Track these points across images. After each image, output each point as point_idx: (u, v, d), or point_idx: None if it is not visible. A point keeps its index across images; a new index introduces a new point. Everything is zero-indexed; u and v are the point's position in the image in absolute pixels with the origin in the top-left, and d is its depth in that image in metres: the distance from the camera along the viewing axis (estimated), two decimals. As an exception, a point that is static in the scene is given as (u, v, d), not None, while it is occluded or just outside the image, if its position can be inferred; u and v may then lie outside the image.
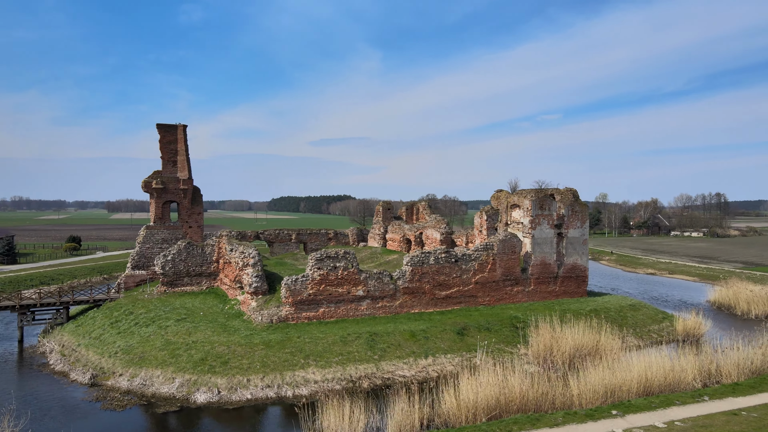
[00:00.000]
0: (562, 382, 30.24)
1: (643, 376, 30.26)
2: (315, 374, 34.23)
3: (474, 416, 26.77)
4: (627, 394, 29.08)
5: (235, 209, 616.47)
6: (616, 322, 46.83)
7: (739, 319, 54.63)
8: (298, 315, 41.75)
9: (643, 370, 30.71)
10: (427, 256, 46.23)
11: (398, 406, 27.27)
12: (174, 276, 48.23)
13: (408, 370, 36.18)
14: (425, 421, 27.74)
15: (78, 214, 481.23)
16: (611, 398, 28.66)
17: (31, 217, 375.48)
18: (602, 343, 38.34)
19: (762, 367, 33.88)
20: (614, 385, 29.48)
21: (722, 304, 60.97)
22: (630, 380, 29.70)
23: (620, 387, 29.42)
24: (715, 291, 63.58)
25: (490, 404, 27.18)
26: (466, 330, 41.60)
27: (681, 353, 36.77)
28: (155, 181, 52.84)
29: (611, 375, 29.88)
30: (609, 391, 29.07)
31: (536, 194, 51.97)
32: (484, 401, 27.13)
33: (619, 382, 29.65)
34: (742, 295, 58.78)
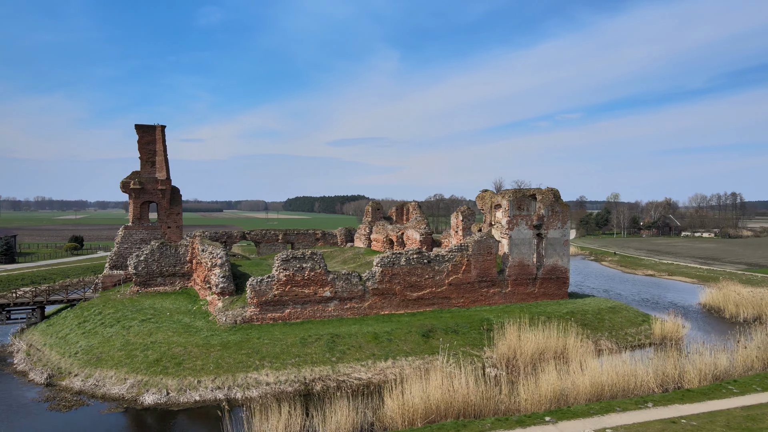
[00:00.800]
0: (510, 386, 29.56)
1: (596, 380, 29.46)
2: (268, 376, 33.89)
3: (412, 420, 26.23)
4: (575, 399, 28.29)
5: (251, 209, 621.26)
6: (591, 325, 45.85)
7: (726, 322, 53.16)
8: (263, 316, 41.49)
9: (596, 374, 29.92)
10: (398, 257, 45.68)
11: (338, 409, 26.87)
12: (147, 276, 48.31)
13: (365, 372, 35.69)
14: (366, 425, 27.29)
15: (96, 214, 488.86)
16: (557, 403, 27.91)
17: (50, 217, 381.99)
18: (569, 346, 37.51)
19: (726, 372, 32.82)
20: (564, 389, 28.74)
21: (712, 306, 59.48)
22: (580, 385, 28.91)
23: (570, 392, 28.66)
24: (706, 293, 62.03)
25: (428, 409, 26.61)
26: (432, 332, 40.96)
27: (645, 357, 35.86)
28: (133, 182, 53.04)
29: (561, 379, 29.12)
30: (557, 396, 28.32)
31: (514, 194, 51.11)
32: (422, 405, 26.56)
33: (570, 386, 28.89)
34: (731, 297, 57.25)
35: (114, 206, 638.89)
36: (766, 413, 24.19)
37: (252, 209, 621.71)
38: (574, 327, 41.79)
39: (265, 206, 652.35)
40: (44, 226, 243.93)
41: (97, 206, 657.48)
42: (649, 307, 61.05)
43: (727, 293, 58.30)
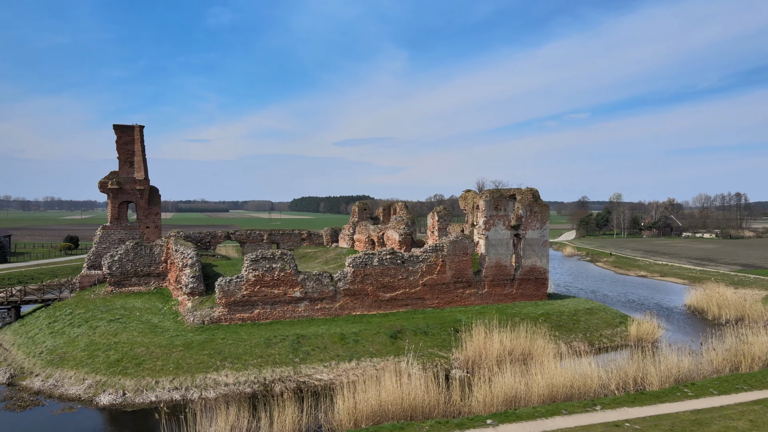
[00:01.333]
0: (467, 388, 29.26)
1: (551, 383, 29.08)
2: (228, 377, 33.72)
3: (358, 422, 25.98)
4: (527, 402, 27.93)
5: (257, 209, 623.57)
6: (566, 327, 45.40)
7: (708, 324, 52.47)
8: (232, 316, 41.34)
9: (553, 376, 29.54)
10: (371, 257, 45.41)
11: (288, 410, 26.66)
12: (121, 276, 48.30)
13: (327, 373, 35.45)
14: (314, 427, 27.07)
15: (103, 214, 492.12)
16: (509, 405, 27.55)
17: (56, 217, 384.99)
18: (536, 348, 37.10)
19: (690, 375, 32.33)
20: (518, 392, 28.37)
21: (696, 308, 58.79)
22: (534, 387, 28.54)
23: (524, 394, 28.29)
24: (690, 295, 61.32)
25: (379, 410, 26.34)
26: (401, 333, 40.66)
27: (615, 359, 35.46)
28: (111, 182, 53.10)
29: (515, 381, 28.75)
30: (510, 398, 27.97)
31: (491, 195, 50.71)
32: (370, 407, 26.30)
33: (523, 389, 28.52)
34: (714, 299, 56.56)
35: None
36: (714, 417, 23.74)
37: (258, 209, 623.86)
38: (544, 329, 41.38)
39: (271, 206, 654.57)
40: (49, 226, 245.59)
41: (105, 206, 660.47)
42: (633, 309, 60.45)
43: (711, 295, 57.62)
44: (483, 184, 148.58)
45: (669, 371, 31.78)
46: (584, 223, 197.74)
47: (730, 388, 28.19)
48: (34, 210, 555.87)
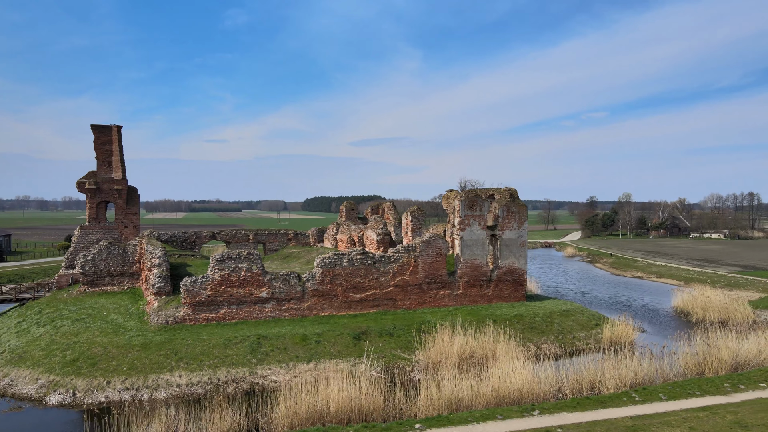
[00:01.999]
0: (412, 391, 28.77)
1: (499, 386, 28.49)
2: (181, 377, 33.53)
3: (291, 425, 25.63)
4: (470, 405, 27.34)
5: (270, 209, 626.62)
6: (539, 329, 44.64)
7: (692, 326, 51.31)
8: (197, 316, 41.20)
9: (503, 379, 28.95)
10: (341, 257, 45.02)
11: (225, 412, 26.40)
12: (95, 276, 48.46)
13: (283, 375, 35.11)
14: (251, 429, 26.76)
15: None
16: (452, 410, 26.99)
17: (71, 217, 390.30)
18: (498, 350, 36.45)
19: (647, 379, 31.52)
20: (464, 396, 27.80)
21: (682, 310, 57.60)
22: (481, 391, 27.96)
23: (469, 397, 27.71)
24: (677, 297, 60.07)
25: (311, 413, 25.98)
26: (365, 335, 40.22)
27: (578, 362, 34.73)
28: (88, 182, 53.32)
29: (461, 385, 28.19)
30: (454, 402, 27.41)
31: (466, 194, 50.06)
32: (306, 410, 25.94)
33: (469, 393, 27.95)
34: (698, 301, 55.34)
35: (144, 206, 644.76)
36: (653, 423, 23.00)
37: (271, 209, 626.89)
38: (515, 331, 40.68)
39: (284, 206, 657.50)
40: (60, 225, 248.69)
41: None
42: (619, 310, 59.37)
43: (696, 297, 56.36)
44: (465, 184, 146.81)
45: (626, 375, 30.99)
46: (590, 223, 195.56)
47: (681, 393, 27.35)
48: (52, 210, 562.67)
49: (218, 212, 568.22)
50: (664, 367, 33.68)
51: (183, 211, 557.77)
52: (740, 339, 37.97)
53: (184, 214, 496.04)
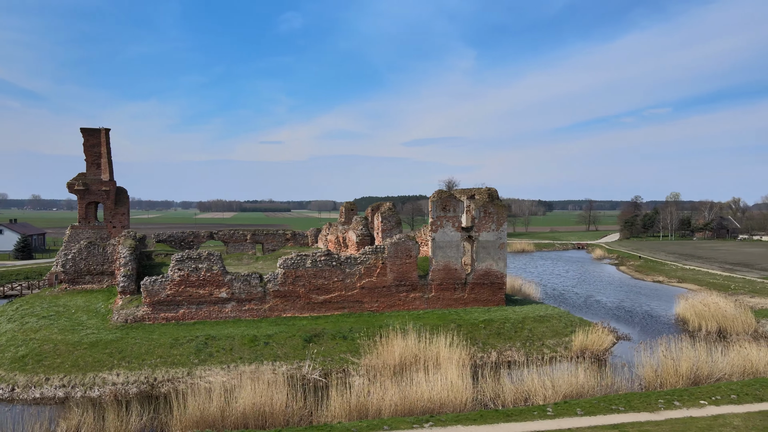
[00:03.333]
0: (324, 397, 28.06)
1: (410, 395, 27.38)
2: (118, 376, 33.95)
3: (183, 428, 25.39)
4: (376, 414, 26.36)
5: (320, 209, 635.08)
6: (505, 335, 42.85)
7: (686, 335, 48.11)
8: (156, 316, 41.74)
9: (414, 388, 27.82)
10: (304, 259, 44.65)
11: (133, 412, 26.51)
12: (75, 274, 50.00)
13: (222, 375, 34.96)
14: (154, 428, 26.73)
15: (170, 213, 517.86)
16: (358, 416, 26.11)
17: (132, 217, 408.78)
18: (441, 356, 35.18)
19: (582, 391, 29.58)
20: (370, 402, 26.85)
21: (681, 317, 54.10)
22: (388, 398, 26.93)
23: (375, 405, 26.75)
24: (680, 303, 56.45)
25: (204, 418, 25.67)
26: (318, 337, 39.68)
27: (526, 371, 33.11)
28: (77, 183, 55.14)
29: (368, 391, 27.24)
30: (359, 408, 26.52)
31: (438, 195, 48.67)
32: (207, 413, 25.67)
33: (376, 400, 26.98)
34: (698, 308, 51.78)
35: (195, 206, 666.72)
36: (545, 441, 21.43)
37: (320, 209, 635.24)
38: (478, 336, 39.21)
39: (333, 206, 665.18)
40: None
41: (181, 206, 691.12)
42: (615, 316, 56.53)
43: (695, 304, 52.73)
44: (451, 184, 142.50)
45: (560, 387, 29.21)
46: (629, 224, 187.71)
47: (603, 409, 25.43)
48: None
49: (267, 212, 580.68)
50: (620, 379, 31.68)
51: (234, 210, 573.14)
52: (713, 351, 35.20)
53: (233, 214, 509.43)
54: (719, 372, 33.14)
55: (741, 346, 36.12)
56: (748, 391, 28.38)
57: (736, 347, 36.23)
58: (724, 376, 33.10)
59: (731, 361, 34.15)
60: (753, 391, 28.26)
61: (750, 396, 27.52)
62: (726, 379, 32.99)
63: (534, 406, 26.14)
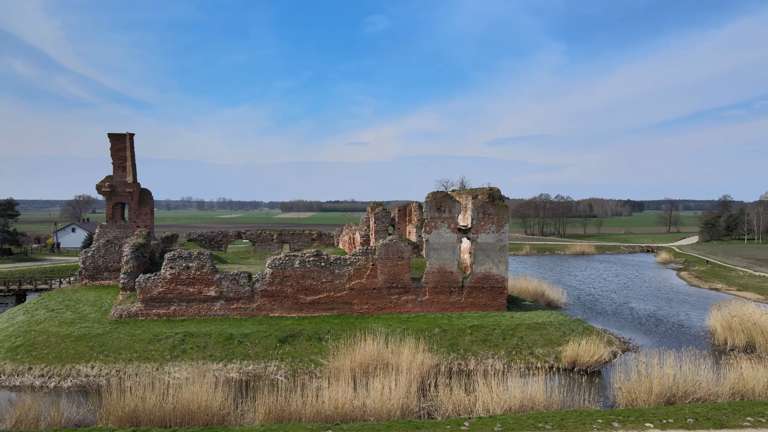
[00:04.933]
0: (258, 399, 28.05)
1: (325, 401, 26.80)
2: (93, 369, 35.77)
3: (106, 422, 26.23)
4: (297, 419, 25.96)
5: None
6: (492, 342, 40.93)
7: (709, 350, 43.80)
8: (148, 312, 43.57)
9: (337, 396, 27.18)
10: (292, 259, 44.95)
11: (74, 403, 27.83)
12: (94, 270, 53.26)
13: (190, 373, 35.82)
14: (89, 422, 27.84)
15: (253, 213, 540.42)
16: (276, 420, 25.87)
17: (212, 216, 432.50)
18: (402, 361, 34.18)
19: (528, 406, 27.61)
20: (290, 407, 26.52)
21: (712, 329, 49.18)
22: (306, 405, 26.49)
23: (295, 411, 26.38)
24: (711, 315, 51.31)
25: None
26: (293, 338, 39.80)
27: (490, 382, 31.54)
28: (105, 185, 58.71)
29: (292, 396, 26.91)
30: (277, 413, 26.27)
31: (433, 195, 47.28)
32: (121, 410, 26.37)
33: (297, 405, 26.60)
34: (725, 320, 46.85)
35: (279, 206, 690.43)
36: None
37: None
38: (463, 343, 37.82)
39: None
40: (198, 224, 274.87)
41: (268, 206, 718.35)
42: (640, 326, 52.59)
43: (722, 316, 47.70)
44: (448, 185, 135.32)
45: (502, 400, 27.45)
46: (710, 225, 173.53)
47: (526, 425, 23.55)
48: (208, 209, 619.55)
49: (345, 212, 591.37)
50: (587, 395, 29.43)
51: (314, 210, 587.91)
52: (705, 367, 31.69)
53: (311, 214, 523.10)
54: (703, 392, 29.78)
55: (738, 364, 32.21)
56: (713, 415, 25.28)
57: (734, 365, 32.40)
58: (708, 397, 29.71)
59: (721, 381, 30.64)
60: (719, 416, 25.13)
61: (711, 421, 24.50)
62: (710, 400, 29.61)
63: (449, 420, 24.71)
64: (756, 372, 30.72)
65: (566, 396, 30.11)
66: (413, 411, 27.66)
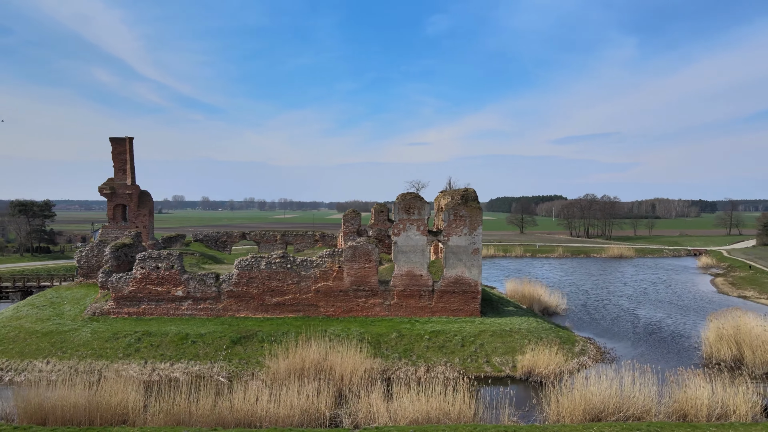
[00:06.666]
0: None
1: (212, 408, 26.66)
2: (47, 364, 37.22)
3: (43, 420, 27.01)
4: (189, 423, 25.95)
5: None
6: (448, 348, 39.68)
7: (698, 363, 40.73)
8: (120, 310, 44.96)
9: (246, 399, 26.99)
10: (258, 260, 45.22)
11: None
12: (88, 269, 55.55)
13: (137, 371, 36.76)
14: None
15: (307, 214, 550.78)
16: (172, 423, 25.99)
17: (267, 217, 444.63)
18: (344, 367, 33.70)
19: (424, 417, 26.48)
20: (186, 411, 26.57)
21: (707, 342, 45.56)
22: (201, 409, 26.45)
23: (186, 416, 26.41)
24: (707, 325, 47.51)
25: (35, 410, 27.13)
26: (246, 339, 40.00)
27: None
28: (106, 188, 61.18)
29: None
30: (173, 416, 26.37)
31: (402, 197, 46.29)
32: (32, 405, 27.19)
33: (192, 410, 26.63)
34: (718, 331, 43.30)
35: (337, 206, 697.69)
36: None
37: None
38: (417, 349, 36.94)
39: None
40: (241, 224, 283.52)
41: (328, 207, 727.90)
42: (632, 335, 49.59)
43: (718, 326, 44.03)
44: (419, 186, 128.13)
45: (404, 414, 26.46)
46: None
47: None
48: (269, 210, 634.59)
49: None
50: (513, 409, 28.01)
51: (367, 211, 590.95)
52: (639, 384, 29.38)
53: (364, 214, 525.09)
54: (637, 409, 27.61)
55: (688, 381, 29.61)
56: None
57: (684, 382, 29.84)
58: (643, 415, 27.51)
59: (665, 398, 28.36)
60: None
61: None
62: (646, 418, 27.42)
63: (342, 429, 24.01)
64: (700, 391, 28.16)
65: (487, 409, 28.72)
66: (316, 418, 27.10)
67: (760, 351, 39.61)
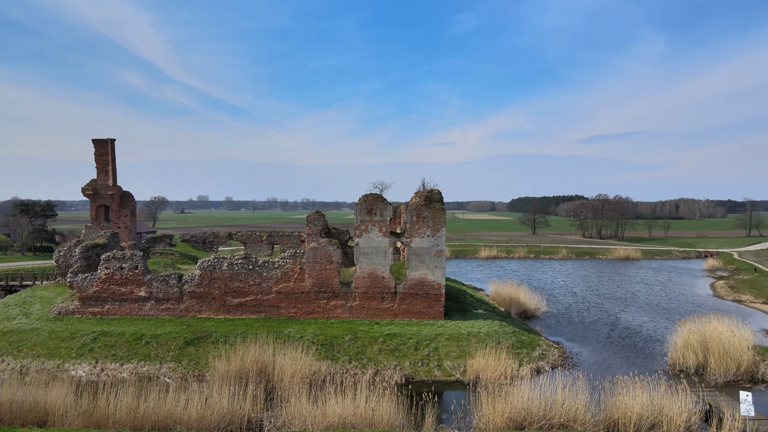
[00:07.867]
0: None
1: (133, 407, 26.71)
2: (2, 363, 37.86)
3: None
4: (108, 425, 26.09)
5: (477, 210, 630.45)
6: (401, 351, 39.27)
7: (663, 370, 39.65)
8: (85, 310, 45.53)
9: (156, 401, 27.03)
10: (221, 261, 45.37)
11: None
12: (66, 269, 56.42)
13: (88, 371, 37.16)
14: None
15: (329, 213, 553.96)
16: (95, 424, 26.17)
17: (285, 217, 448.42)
18: (277, 368, 33.62)
19: (350, 421, 26.18)
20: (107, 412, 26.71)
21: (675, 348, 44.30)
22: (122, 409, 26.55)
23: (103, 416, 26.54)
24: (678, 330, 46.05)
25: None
26: (200, 340, 40.15)
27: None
28: (88, 189, 62.09)
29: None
30: (95, 417, 26.52)
31: (364, 198, 45.97)
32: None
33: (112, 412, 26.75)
34: (685, 337, 42.01)
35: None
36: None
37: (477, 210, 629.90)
38: (370, 352, 36.70)
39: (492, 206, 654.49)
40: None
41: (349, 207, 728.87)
42: (604, 340, 48.49)
43: (685, 331, 42.71)
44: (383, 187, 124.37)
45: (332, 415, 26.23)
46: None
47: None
48: (291, 209, 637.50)
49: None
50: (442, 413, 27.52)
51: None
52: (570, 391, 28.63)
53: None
54: (563, 417, 26.89)
55: (624, 389, 28.75)
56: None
57: (623, 390, 28.98)
58: (570, 424, 26.79)
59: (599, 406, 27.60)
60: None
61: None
62: (573, 427, 26.71)
63: None
64: (633, 399, 27.31)
65: (413, 415, 28.25)
66: (238, 420, 26.99)
67: (723, 359, 38.30)
